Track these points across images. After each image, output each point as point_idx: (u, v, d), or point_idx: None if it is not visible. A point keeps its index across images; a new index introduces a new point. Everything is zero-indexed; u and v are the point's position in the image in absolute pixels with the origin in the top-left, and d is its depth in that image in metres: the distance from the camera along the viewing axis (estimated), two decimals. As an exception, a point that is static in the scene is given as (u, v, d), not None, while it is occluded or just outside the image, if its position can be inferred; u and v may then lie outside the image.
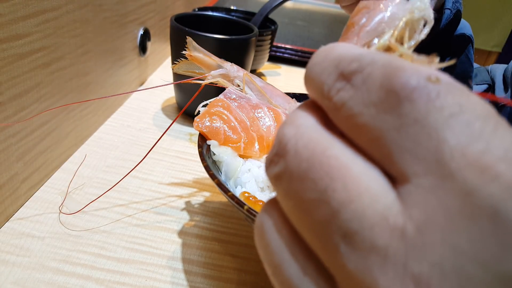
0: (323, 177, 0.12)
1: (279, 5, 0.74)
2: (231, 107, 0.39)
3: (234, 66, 0.41)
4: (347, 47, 0.14)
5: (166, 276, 0.34)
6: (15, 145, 0.36)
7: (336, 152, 0.12)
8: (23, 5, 0.34)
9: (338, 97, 0.13)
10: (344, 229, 0.11)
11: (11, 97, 0.34)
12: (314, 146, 0.13)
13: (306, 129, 0.13)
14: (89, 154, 0.48)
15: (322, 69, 0.14)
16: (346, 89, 0.13)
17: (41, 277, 0.32)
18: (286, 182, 0.13)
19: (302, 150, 0.13)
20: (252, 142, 0.38)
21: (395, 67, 0.12)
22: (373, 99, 0.12)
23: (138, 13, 0.61)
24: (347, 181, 0.12)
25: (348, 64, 0.13)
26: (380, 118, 0.12)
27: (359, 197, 0.11)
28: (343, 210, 0.12)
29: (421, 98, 0.11)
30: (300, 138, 0.13)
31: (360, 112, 0.12)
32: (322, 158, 0.12)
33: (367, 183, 0.12)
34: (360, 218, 0.11)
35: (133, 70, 0.62)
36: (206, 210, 0.43)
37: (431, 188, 0.11)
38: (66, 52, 0.42)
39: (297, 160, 0.13)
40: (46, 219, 0.38)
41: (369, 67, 0.13)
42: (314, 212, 0.12)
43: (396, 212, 0.11)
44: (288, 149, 0.13)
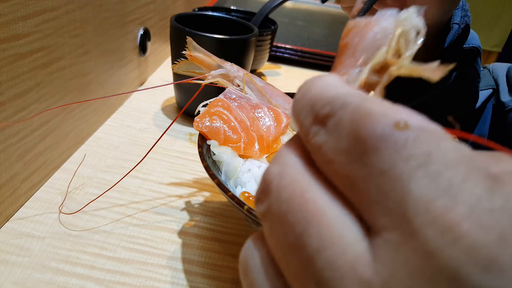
0: (300, 221, 0.12)
1: (279, 5, 0.74)
2: (231, 107, 0.39)
3: (234, 66, 0.41)
4: (323, 86, 0.14)
5: (166, 276, 0.34)
6: (15, 145, 0.36)
7: (314, 196, 0.12)
8: (23, 5, 0.34)
9: (314, 141, 0.13)
10: (317, 276, 0.12)
11: (11, 97, 0.34)
12: (294, 187, 0.13)
13: (289, 168, 0.13)
14: (89, 154, 0.48)
15: (300, 108, 0.14)
16: (321, 134, 0.13)
17: (41, 277, 0.32)
18: (269, 222, 0.13)
19: (283, 191, 0.13)
20: (252, 142, 0.38)
21: (364, 112, 0.12)
22: (343, 147, 0.12)
23: (138, 13, 0.61)
24: (322, 228, 0.12)
25: (321, 107, 0.13)
26: (349, 167, 0.12)
27: (332, 246, 0.11)
28: (317, 258, 0.12)
29: (387, 148, 0.11)
30: (283, 177, 0.13)
31: (333, 159, 0.12)
32: (301, 201, 0.12)
33: (341, 231, 0.12)
34: (331, 267, 0.11)
35: (133, 70, 0.62)
36: (206, 210, 0.43)
37: (397, 244, 0.11)
38: (66, 52, 0.42)
39: (278, 201, 0.13)
40: (46, 219, 0.38)
41: (340, 111, 0.12)
42: (292, 255, 0.12)
43: (365, 263, 0.11)
44: (271, 188, 0.13)
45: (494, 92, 0.58)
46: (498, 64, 0.62)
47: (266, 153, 0.38)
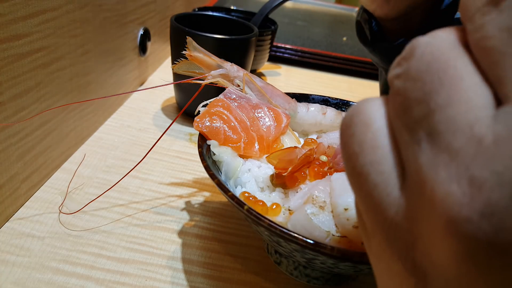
0: (434, 81, 0.13)
1: (279, 5, 0.74)
2: (231, 107, 0.39)
3: (234, 66, 0.41)
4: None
5: (166, 276, 0.34)
6: (15, 145, 0.36)
7: (457, 64, 0.13)
8: (23, 5, 0.34)
9: (480, 20, 0.13)
10: (431, 128, 0.12)
11: (11, 97, 0.34)
12: (440, 54, 0.13)
13: (440, 39, 0.14)
14: (89, 154, 0.48)
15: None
16: (491, 13, 0.13)
17: (41, 277, 0.32)
18: (402, 80, 0.14)
19: (427, 55, 0.13)
20: (252, 142, 0.38)
21: None
22: (509, 24, 0.12)
23: (138, 13, 0.61)
24: (453, 89, 0.12)
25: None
26: (507, 43, 0.12)
27: (457, 104, 0.12)
28: (437, 112, 0.12)
29: None
30: (431, 45, 0.14)
31: (494, 35, 0.12)
32: (442, 65, 0.13)
33: (471, 95, 0.12)
34: (449, 122, 0.12)
35: (133, 70, 0.62)
36: (206, 210, 0.43)
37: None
38: (66, 52, 0.42)
39: (418, 62, 0.13)
40: (46, 219, 0.38)
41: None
42: (413, 109, 0.13)
43: (483, 124, 0.12)
44: (415, 53, 0.14)
45: None
46: None
47: (266, 153, 0.38)
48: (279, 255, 0.36)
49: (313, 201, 0.30)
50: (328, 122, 0.43)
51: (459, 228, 0.11)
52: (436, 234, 0.12)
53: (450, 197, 0.11)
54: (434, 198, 0.12)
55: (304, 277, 0.36)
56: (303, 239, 0.26)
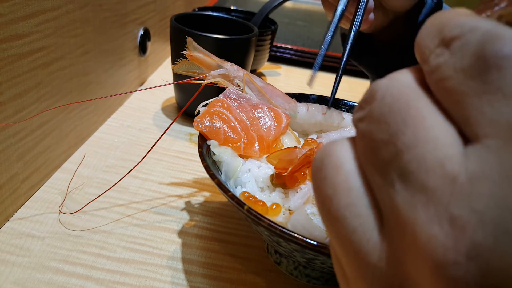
0: (397, 122, 0.13)
1: (279, 5, 0.74)
2: (231, 107, 0.39)
3: (234, 66, 0.41)
4: (454, 13, 0.14)
5: (166, 276, 0.34)
6: (15, 145, 0.36)
7: (419, 105, 0.13)
8: (23, 5, 0.34)
9: (435, 61, 0.13)
10: (402, 168, 0.12)
11: (11, 97, 0.34)
12: (400, 96, 0.13)
13: (400, 82, 0.14)
14: (89, 154, 0.48)
15: (427, 33, 0.14)
16: (444, 55, 0.13)
17: (41, 277, 0.32)
18: (366, 123, 0.14)
19: (387, 98, 0.14)
20: (252, 142, 0.38)
21: (494, 35, 0.12)
22: (464, 65, 0.12)
23: (138, 13, 0.61)
24: (418, 129, 0.12)
25: (449, 30, 0.13)
26: (466, 83, 0.12)
27: (424, 143, 0.12)
28: (406, 152, 0.12)
29: (510, 68, 0.11)
30: (391, 88, 0.14)
31: (450, 76, 0.13)
32: (403, 106, 0.13)
33: (437, 133, 0.12)
34: (419, 161, 0.12)
35: (133, 70, 0.62)
36: (206, 210, 0.43)
37: (495, 148, 0.11)
38: (66, 52, 0.42)
39: (380, 105, 0.14)
40: (46, 219, 0.38)
41: (469, 33, 0.13)
42: (381, 150, 0.13)
43: (455, 162, 0.12)
44: (376, 96, 0.14)
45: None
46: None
47: (266, 153, 0.38)
48: (279, 255, 0.36)
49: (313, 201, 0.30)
50: (328, 122, 0.43)
51: (447, 272, 0.11)
52: (423, 278, 0.12)
53: (434, 240, 0.11)
54: (417, 241, 0.12)
55: (304, 277, 0.36)
56: (303, 239, 0.26)
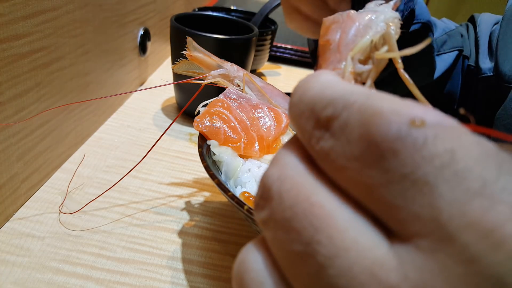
0: (307, 228, 0.11)
1: (279, 5, 0.74)
2: (231, 107, 0.39)
3: (234, 66, 0.41)
4: (321, 86, 0.13)
5: (166, 276, 0.34)
6: (15, 145, 0.36)
7: (321, 199, 0.12)
8: (23, 5, 0.34)
9: (319, 147, 0.12)
10: (333, 286, 0.11)
11: (11, 97, 0.34)
12: (298, 192, 0.12)
13: (290, 171, 0.13)
14: (89, 154, 0.48)
15: (299, 112, 0.13)
16: (326, 139, 0.12)
17: (41, 277, 0.32)
18: (272, 230, 0.12)
19: (285, 196, 0.12)
20: (252, 142, 0.38)
21: (372, 111, 0.11)
22: (354, 152, 0.11)
23: (138, 13, 0.61)
24: (332, 233, 0.11)
25: (322, 109, 0.12)
26: (365, 173, 0.11)
27: (345, 252, 0.10)
28: (329, 266, 0.11)
29: (406, 149, 0.10)
30: (284, 181, 0.12)
31: (344, 165, 0.11)
32: (306, 206, 0.11)
33: (354, 235, 0.11)
34: (347, 275, 0.10)
35: (133, 70, 0.62)
36: (206, 210, 0.43)
37: (431, 250, 0.10)
38: (66, 52, 0.42)
39: (281, 207, 0.12)
40: (46, 219, 0.38)
41: (344, 112, 0.11)
42: (301, 265, 0.11)
43: (388, 268, 0.10)
44: (272, 193, 0.12)
45: (460, 53, 0.54)
46: (486, 16, 0.56)
47: (266, 153, 0.38)
48: (279, 255, 0.36)
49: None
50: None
51: None
52: None
53: None
54: None
55: (304, 277, 0.36)
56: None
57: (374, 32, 0.17)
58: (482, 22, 0.56)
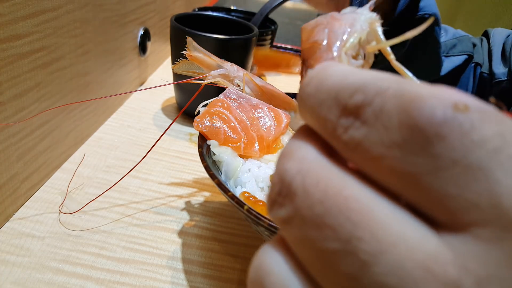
0: (344, 224, 0.10)
1: (279, 5, 0.74)
2: (231, 107, 0.39)
3: (234, 66, 0.41)
4: (342, 73, 0.12)
5: (166, 276, 0.34)
6: (15, 145, 0.36)
7: (355, 192, 0.11)
8: (23, 5, 0.34)
9: (348, 137, 0.11)
10: (379, 285, 0.10)
11: (11, 97, 0.34)
12: (326, 185, 0.11)
13: (311, 163, 0.12)
14: (89, 154, 0.48)
15: (319, 102, 0.12)
16: (356, 127, 0.11)
17: (41, 277, 0.32)
18: (298, 228, 0.11)
19: (312, 190, 0.11)
20: (252, 142, 0.38)
21: (410, 96, 0.10)
22: (394, 139, 0.10)
23: (138, 13, 0.61)
24: (375, 228, 0.10)
25: (350, 96, 0.11)
26: (408, 161, 0.10)
27: (393, 247, 0.10)
28: (375, 263, 0.10)
29: (454, 134, 0.10)
30: (307, 175, 0.11)
31: (382, 154, 0.10)
32: (339, 200, 0.11)
33: (400, 228, 0.10)
34: (398, 273, 0.10)
35: (133, 70, 0.62)
36: (206, 210, 0.43)
37: (494, 239, 0.09)
38: (66, 52, 0.42)
39: (308, 202, 0.11)
40: (46, 219, 0.38)
41: (377, 98, 0.11)
42: (338, 264, 0.10)
43: (445, 262, 0.09)
44: (295, 188, 0.11)
45: (470, 59, 0.56)
46: (499, 30, 0.58)
47: (266, 153, 0.38)
48: (279, 255, 0.36)
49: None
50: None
51: None
52: None
53: None
54: None
55: (304, 277, 0.36)
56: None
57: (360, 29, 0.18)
58: (495, 34, 0.58)
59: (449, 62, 0.55)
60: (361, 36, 0.17)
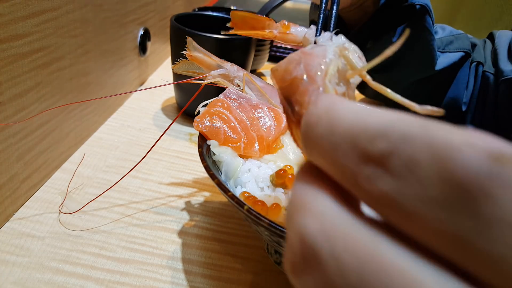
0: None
1: (279, 5, 0.74)
2: (231, 107, 0.39)
3: (234, 66, 0.41)
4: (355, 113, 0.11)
5: (166, 276, 0.34)
6: (15, 145, 0.36)
7: (392, 257, 0.10)
8: (23, 5, 0.34)
9: (376, 189, 0.10)
10: None
11: (11, 97, 0.34)
12: (358, 248, 0.10)
13: (334, 221, 0.11)
14: (89, 154, 0.48)
15: (333, 146, 0.11)
16: (385, 179, 0.10)
17: (41, 277, 0.32)
18: None
19: (343, 256, 0.10)
20: (252, 142, 0.38)
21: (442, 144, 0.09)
22: (433, 196, 0.09)
23: (138, 13, 0.61)
24: None
25: (370, 141, 0.10)
26: (452, 221, 0.09)
27: None
28: None
29: (500, 190, 0.09)
30: (332, 236, 0.10)
31: (419, 212, 0.09)
32: (377, 268, 0.10)
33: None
34: None
35: (133, 70, 0.62)
36: (206, 210, 0.43)
37: None
38: (66, 52, 0.42)
39: (340, 271, 0.10)
40: (46, 219, 0.38)
41: (404, 146, 0.10)
42: None
43: None
44: (321, 253, 0.10)
45: (467, 56, 0.56)
46: (505, 32, 0.59)
47: (266, 153, 0.38)
48: (279, 255, 0.36)
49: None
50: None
51: None
52: None
53: None
54: None
55: (304, 277, 0.36)
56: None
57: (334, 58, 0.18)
58: (501, 36, 0.58)
59: (444, 58, 0.55)
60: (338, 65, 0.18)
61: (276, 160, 0.37)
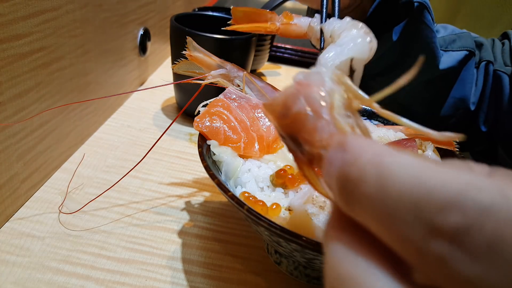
0: None
1: (279, 5, 0.74)
2: (231, 107, 0.39)
3: (234, 66, 0.41)
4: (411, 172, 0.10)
5: (166, 276, 0.34)
6: (15, 145, 0.36)
7: None
8: (23, 5, 0.34)
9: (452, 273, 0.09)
10: None
11: (11, 97, 0.34)
12: None
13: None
14: (89, 154, 0.48)
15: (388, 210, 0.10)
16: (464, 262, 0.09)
17: (41, 277, 0.32)
18: None
19: None
20: (252, 142, 0.38)
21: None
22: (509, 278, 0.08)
23: (138, 13, 0.61)
24: None
25: (439, 213, 0.09)
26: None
27: None
28: None
29: None
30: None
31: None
32: None
33: None
34: None
35: (133, 70, 0.62)
36: (206, 210, 0.43)
37: None
38: (66, 52, 0.42)
39: None
40: (46, 219, 0.38)
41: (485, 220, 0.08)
42: None
43: None
44: None
45: (470, 55, 0.55)
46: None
47: (266, 153, 0.38)
48: (279, 255, 0.36)
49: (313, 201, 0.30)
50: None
51: None
52: None
53: None
54: None
55: (304, 277, 0.36)
56: (304, 239, 0.26)
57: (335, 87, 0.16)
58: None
59: (448, 57, 0.55)
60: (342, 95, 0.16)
61: (276, 160, 0.37)
